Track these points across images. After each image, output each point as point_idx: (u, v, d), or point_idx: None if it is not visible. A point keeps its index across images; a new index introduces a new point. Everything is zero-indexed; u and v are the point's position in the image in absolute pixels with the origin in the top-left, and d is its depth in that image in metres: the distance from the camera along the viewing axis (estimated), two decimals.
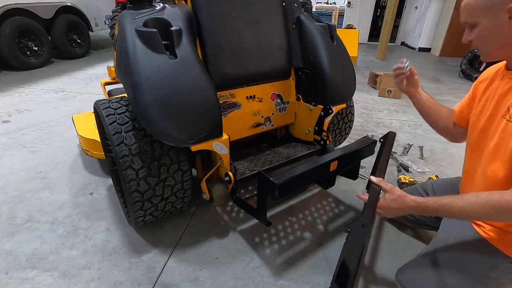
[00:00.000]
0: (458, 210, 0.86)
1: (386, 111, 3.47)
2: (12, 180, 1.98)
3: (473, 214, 0.84)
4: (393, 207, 1.02)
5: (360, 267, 1.39)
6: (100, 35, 7.82)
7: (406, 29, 8.48)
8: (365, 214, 1.06)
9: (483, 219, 0.83)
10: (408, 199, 0.98)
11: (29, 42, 4.70)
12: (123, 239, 1.53)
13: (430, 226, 1.44)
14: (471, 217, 0.85)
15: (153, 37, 1.13)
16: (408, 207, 0.98)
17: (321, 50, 1.58)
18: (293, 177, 1.19)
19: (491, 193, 0.82)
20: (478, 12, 0.86)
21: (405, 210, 1.00)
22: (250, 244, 1.51)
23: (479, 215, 0.84)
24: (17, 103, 3.32)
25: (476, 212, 0.83)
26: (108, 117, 1.27)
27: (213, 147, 1.28)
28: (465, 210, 0.85)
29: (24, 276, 1.32)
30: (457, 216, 0.90)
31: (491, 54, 0.94)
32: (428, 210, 0.95)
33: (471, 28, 0.91)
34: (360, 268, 1.38)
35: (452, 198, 0.89)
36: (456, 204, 0.86)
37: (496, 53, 0.93)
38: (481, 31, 0.88)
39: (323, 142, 1.75)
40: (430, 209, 0.93)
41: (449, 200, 0.89)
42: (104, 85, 2.64)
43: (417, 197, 0.98)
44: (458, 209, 0.86)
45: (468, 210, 0.84)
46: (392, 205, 1.01)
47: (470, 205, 0.84)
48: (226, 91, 1.52)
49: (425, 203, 0.94)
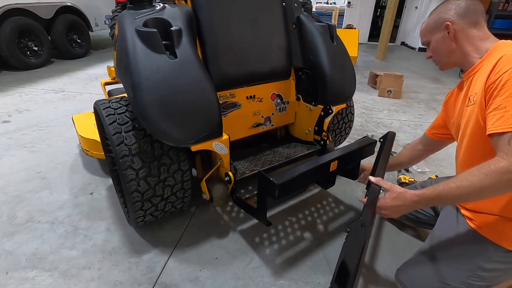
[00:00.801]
0: (457, 190, 0.87)
1: (386, 111, 3.47)
2: (12, 180, 1.98)
3: (471, 189, 0.84)
4: (396, 205, 1.02)
5: (360, 266, 1.39)
6: (100, 35, 7.82)
7: (406, 29, 8.48)
8: (364, 214, 1.06)
9: (482, 192, 0.84)
10: (409, 195, 0.99)
11: (29, 42, 4.70)
12: (123, 239, 1.53)
13: (430, 225, 1.44)
14: (470, 193, 0.85)
15: (153, 37, 1.13)
16: (411, 202, 0.98)
17: (321, 50, 1.58)
18: (293, 177, 1.19)
19: (480, 165, 0.84)
20: (428, 33, 1.12)
21: (408, 206, 1.00)
22: (250, 244, 1.51)
23: (476, 188, 0.83)
24: (17, 103, 3.32)
25: (473, 185, 0.83)
26: (108, 117, 1.27)
27: (213, 147, 1.28)
28: (462, 187, 0.85)
29: (24, 276, 1.32)
30: (458, 198, 0.91)
31: (445, 63, 1.13)
32: (430, 200, 0.95)
33: (427, 46, 1.14)
34: (360, 268, 1.38)
35: (447, 181, 0.91)
36: (453, 184, 0.88)
37: (447, 60, 1.11)
38: (433, 46, 1.12)
39: (323, 142, 1.75)
40: (431, 198, 0.94)
41: (445, 183, 0.90)
42: (104, 85, 2.64)
43: (416, 190, 0.99)
44: (456, 188, 0.87)
45: (465, 186, 0.85)
46: (395, 203, 1.02)
47: (466, 181, 0.85)
48: (226, 91, 1.52)
49: (425, 194, 0.95)
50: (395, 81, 3.91)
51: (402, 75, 3.98)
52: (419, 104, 3.73)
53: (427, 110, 3.54)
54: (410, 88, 4.35)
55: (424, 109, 3.57)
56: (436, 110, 3.56)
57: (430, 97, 4.03)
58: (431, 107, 3.66)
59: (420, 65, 6.06)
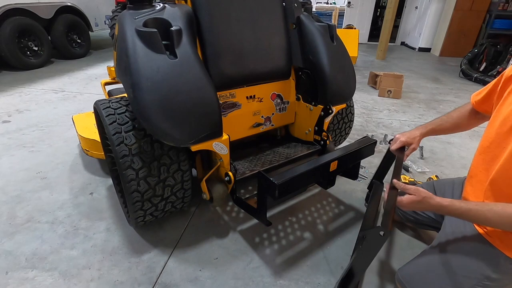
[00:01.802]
0: (484, 219, 0.88)
1: (386, 111, 3.47)
2: (12, 180, 1.98)
3: (499, 225, 0.87)
4: (418, 207, 1.01)
5: None
6: (100, 35, 7.82)
7: (406, 29, 8.48)
8: (385, 224, 1.01)
9: (507, 229, 0.87)
10: (434, 202, 0.97)
11: (29, 42, 4.70)
12: (123, 239, 1.53)
13: (430, 226, 1.44)
14: (496, 226, 0.89)
15: (153, 37, 1.13)
16: (435, 208, 0.99)
17: (321, 50, 1.58)
18: (293, 177, 1.19)
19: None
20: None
21: (426, 209, 1.00)
22: (250, 244, 1.51)
23: (505, 227, 0.87)
24: (17, 103, 3.32)
25: (503, 224, 0.86)
26: (108, 117, 1.27)
27: (213, 147, 1.28)
28: (491, 220, 0.87)
29: (24, 276, 1.32)
30: (486, 221, 0.92)
31: None
32: (456, 211, 0.95)
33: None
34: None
35: (479, 205, 0.91)
36: (487, 207, 0.88)
37: None
38: None
39: (323, 142, 1.75)
40: (455, 212, 0.94)
41: (478, 203, 0.91)
42: (104, 85, 2.64)
43: (443, 199, 0.97)
44: (485, 218, 0.88)
45: (495, 221, 0.87)
46: (418, 206, 1.01)
47: (498, 216, 0.86)
48: (226, 91, 1.52)
49: (454, 206, 0.94)
50: (395, 81, 3.92)
51: (402, 75, 3.99)
52: (419, 104, 3.73)
53: (427, 110, 3.54)
54: (410, 88, 4.35)
55: (424, 109, 3.57)
56: (436, 110, 3.56)
57: (430, 97, 4.03)
58: (431, 107, 3.66)
59: (420, 65, 6.06)
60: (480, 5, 6.44)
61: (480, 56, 4.98)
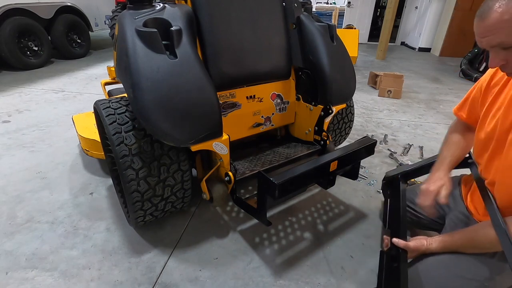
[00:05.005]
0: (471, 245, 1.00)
1: (386, 111, 3.47)
2: (12, 180, 1.98)
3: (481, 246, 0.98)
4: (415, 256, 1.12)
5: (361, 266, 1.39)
6: (100, 35, 7.82)
7: (406, 29, 8.48)
8: None
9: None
10: (430, 252, 1.08)
11: (29, 42, 4.70)
12: (123, 239, 1.53)
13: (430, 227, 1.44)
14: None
15: (153, 37, 1.13)
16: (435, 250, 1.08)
17: (321, 50, 1.58)
18: (293, 177, 1.19)
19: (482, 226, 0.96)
20: (502, 30, 0.74)
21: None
22: (250, 244, 1.51)
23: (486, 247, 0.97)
24: (17, 103, 3.32)
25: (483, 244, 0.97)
26: (108, 117, 1.27)
27: (213, 147, 1.28)
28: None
29: (24, 276, 1.32)
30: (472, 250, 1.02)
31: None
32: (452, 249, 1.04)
33: (504, 49, 0.77)
34: (361, 268, 1.39)
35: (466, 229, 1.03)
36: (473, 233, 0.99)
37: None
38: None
39: (323, 142, 1.75)
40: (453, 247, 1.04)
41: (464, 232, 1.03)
42: (104, 85, 2.64)
43: (437, 246, 1.06)
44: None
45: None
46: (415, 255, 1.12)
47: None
48: (226, 91, 1.52)
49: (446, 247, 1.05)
50: (395, 81, 3.92)
51: (402, 75, 3.99)
52: (419, 104, 3.73)
53: (427, 110, 3.54)
54: (410, 88, 4.35)
55: (424, 109, 3.57)
56: (436, 110, 3.56)
57: (430, 97, 4.03)
58: (431, 107, 3.66)
59: (420, 65, 6.06)
60: (480, 5, 6.41)
61: (480, 56, 4.97)
